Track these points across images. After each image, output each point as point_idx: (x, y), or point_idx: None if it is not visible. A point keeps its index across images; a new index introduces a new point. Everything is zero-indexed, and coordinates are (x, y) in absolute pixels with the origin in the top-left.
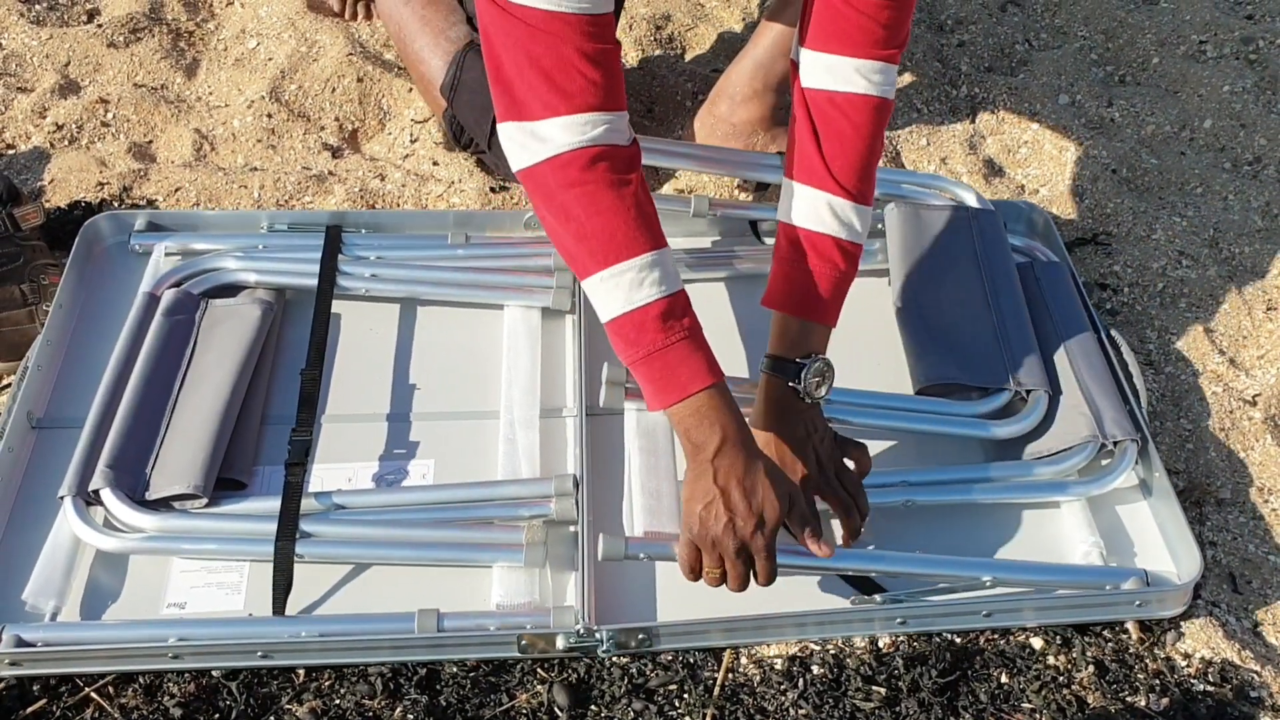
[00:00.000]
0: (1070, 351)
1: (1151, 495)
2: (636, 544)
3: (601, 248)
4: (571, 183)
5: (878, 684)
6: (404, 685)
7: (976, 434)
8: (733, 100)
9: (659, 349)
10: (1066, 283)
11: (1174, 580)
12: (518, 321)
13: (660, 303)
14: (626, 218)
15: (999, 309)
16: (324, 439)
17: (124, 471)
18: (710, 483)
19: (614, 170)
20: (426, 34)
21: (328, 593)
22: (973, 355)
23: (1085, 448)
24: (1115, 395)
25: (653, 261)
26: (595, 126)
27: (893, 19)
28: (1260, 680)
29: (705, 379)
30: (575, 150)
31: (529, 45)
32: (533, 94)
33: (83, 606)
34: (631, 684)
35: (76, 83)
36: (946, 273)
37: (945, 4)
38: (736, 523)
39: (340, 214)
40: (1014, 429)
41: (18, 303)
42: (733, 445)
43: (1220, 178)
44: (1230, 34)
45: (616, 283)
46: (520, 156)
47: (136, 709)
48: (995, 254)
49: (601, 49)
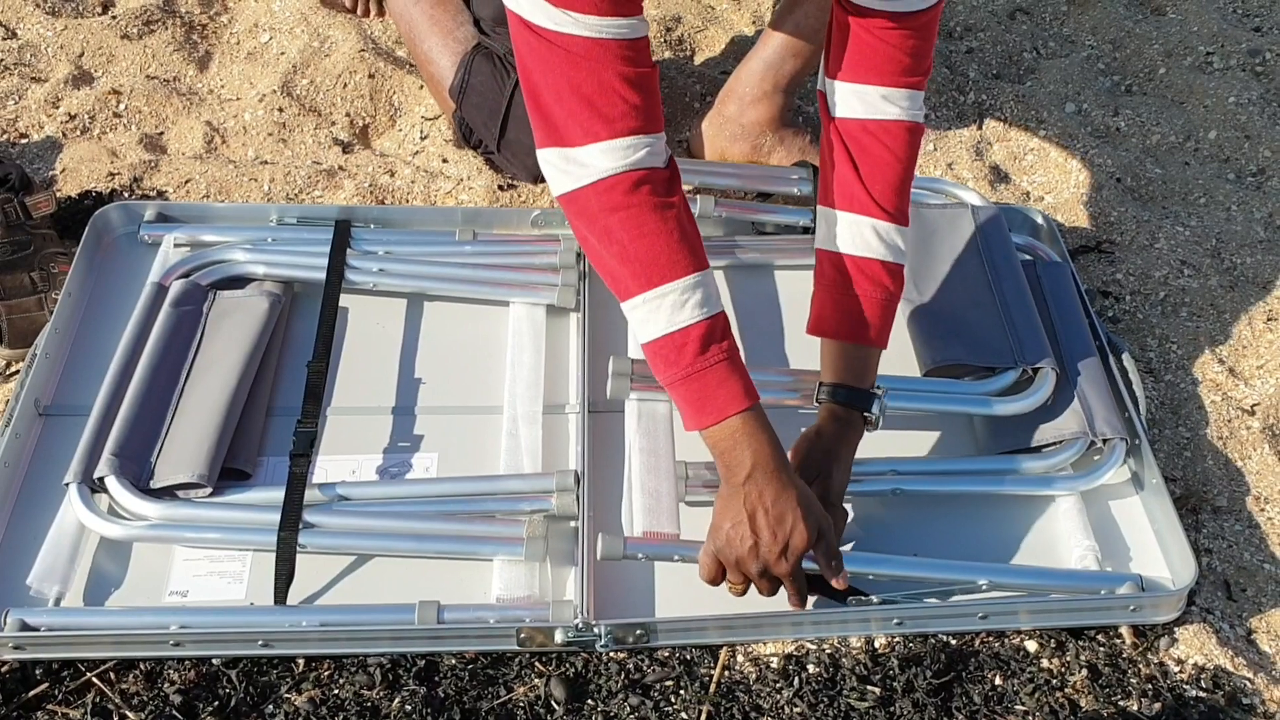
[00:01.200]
0: (1066, 350)
1: (1147, 500)
2: (635, 544)
3: (645, 270)
4: (615, 206)
5: (873, 684)
6: (403, 676)
7: (981, 411)
8: (741, 101)
9: (698, 370)
10: (1068, 283)
11: (1169, 586)
12: (523, 318)
13: (702, 325)
14: (670, 240)
15: (1003, 295)
16: (329, 431)
17: (129, 459)
18: (740, 505)
19: (656, 193)
20: (435, 34)
21: (329, 583)
22: (978, 337)
23: (1075, 443)
24: (1108, 395)
25: (695, 283)
26: (637, 150)
27: (917, 48)
28: (1252, 687)
29: (742, 402)
30: (618, 174)
31: (569, 72)
32: (573, 120)
33: (86, 592)
34: (628, 679)
35: (90, 73)
36: (950, 265)
37: (954, 11)
38: (761, 548)
39: (349, 209)
40: (1020, 405)
41: (27, 290)
42: (765, 470)
43: (1224, 188)
44: (1237, 46)
45: (659, 304)
46: (562, 181)
47: (137, 695)
48: (998, 247)
49: (640, 73)
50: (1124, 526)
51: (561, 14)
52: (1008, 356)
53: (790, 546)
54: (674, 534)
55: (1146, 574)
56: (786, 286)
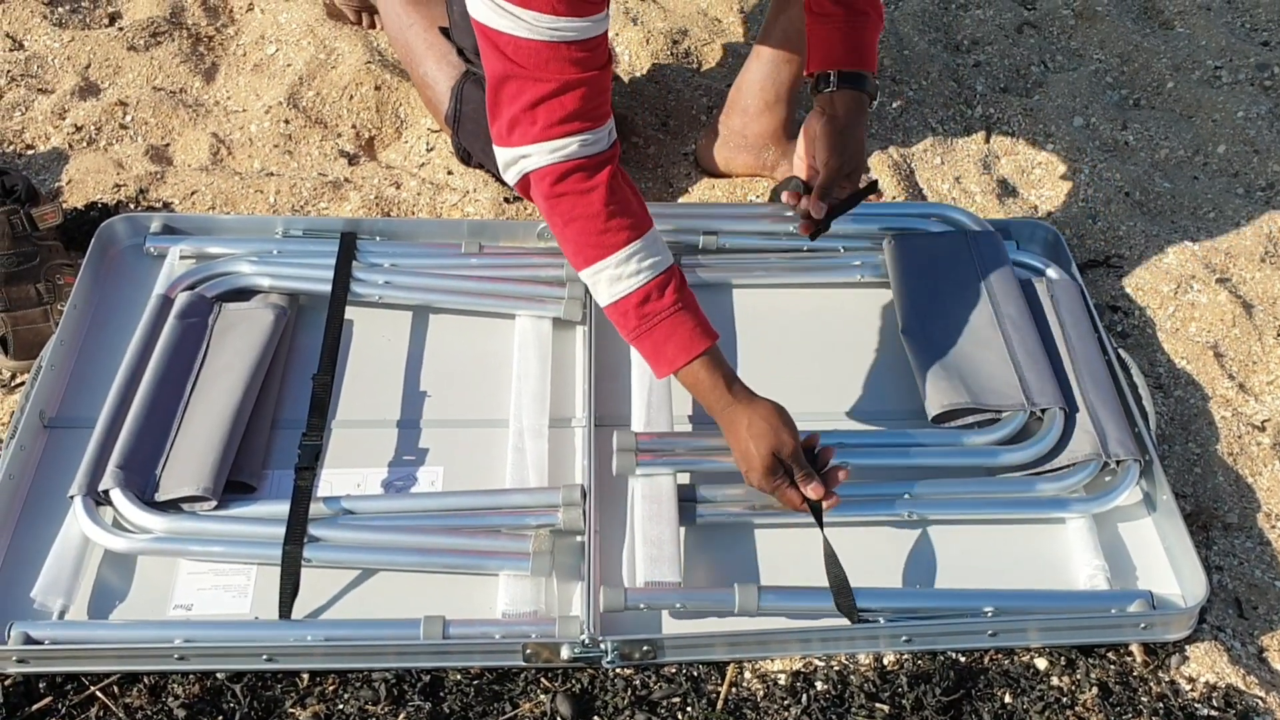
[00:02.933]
0: (1079, 370)
1: (1158, 517)
2: (637, 595)
3: (580, 251)
4: (546, 195)
5: (881, 701)
6: (408, 692)
7: (988, 462)
8: (746, 114)
9: (644, 331)
10: (1078, 301)
11: (1179, 603)
12: (529, 331)
13: (637, 292)
14: (595, 224)
15: (1006, 329)
16: (334, 444)
17: (134, 472)
18: (729, 441)
19: (585, 179)
20: (431, 58)
21: (334, 597)
22: (984, 378)
23: (1088, 465)
24: (1120, 415)
25: (628, 255)
26: (566, 146)
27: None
28: (1265, 706)
29: (688, 354)
30: (546, 167)
31: (516, 82)
32: (515, 124)
33: (90, 606)
34: (635, 695)
35: (96, 85)
36: (950, 298)
37: (962, 24)
38: (746, 476)
39: (355, 221)
40: (1026, 454)
41: (33, 302)
42: (722, 410)
43: (1233, 203)
44: (1246, 60)
45: (597, 279)
46: (509, 175)
47: (141, 709)
48: (998, 275)
49: (582, 76)
50: (1134, 543)
51: (515, 15)
52: (1015, 399)
53: (751, 469)
54: (676, 583)
55: (1157, 590)
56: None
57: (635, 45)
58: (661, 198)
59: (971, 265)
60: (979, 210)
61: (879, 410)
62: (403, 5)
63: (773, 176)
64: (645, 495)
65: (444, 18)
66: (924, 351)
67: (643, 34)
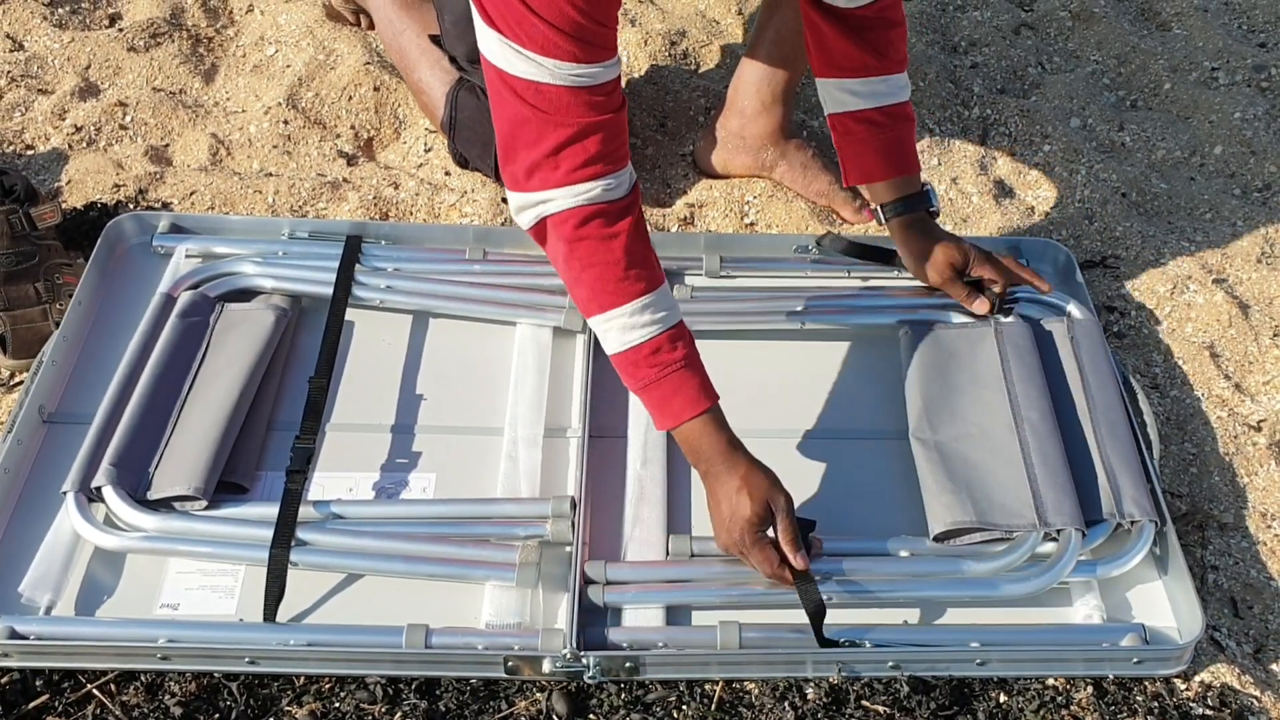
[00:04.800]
0: (1097, 422)
1: (1159, 562)
2: (620, 633)
3: (595, 297)
4: (565, 238)
5: (878, 703)
6: (403, 691)
7: (989, 594)
8: (743, 115)
9: (651, 383)
10: (1099, 343)
11: (1175, 638)
12: (528, 339)
13: (649, 343)
14: (614, 271)
15: (1025, 436)
16: (328, 447)
17: (127, 470)
18: (709, 497)
19: (606, 224)
20: (425, 64)
21: (319, 601)
22: (994, 495)
23: (1102, 526)
24: (1138, 471)
25: (642, 306)
26: (590, 190)
27: None
28: (1260, 705)
29: (693, 410)
30: (568, 211)
31: (533, 118)
32: (532, 167)
33: (78, 602)
34: (631, 695)
35: (96, 85)
36: (969, 399)
37: (959, 26)
38: (723, 530)
39: (360, 224)
40: (1032, 586)
41: (32, 301)
42: (716, 465)
43: (1230, 204)
44: (1242, 61)
45: (608, 327)
46: (523, 218)
47: (137, 707)
48: (1021, 372)
49: (603, 119)
50: (1130, 576)
51: (536, 61)
52: (1027, 518)
53: (735, 523)
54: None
55: (1150, 624)
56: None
57: (633, 46)
58: (660, 198)
59: (994, 362)
60: (975, 211)
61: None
62: (395, 11)
63: (770, 177)
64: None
65: (435, 25)
66: (932, 456)
67: (641, 35)
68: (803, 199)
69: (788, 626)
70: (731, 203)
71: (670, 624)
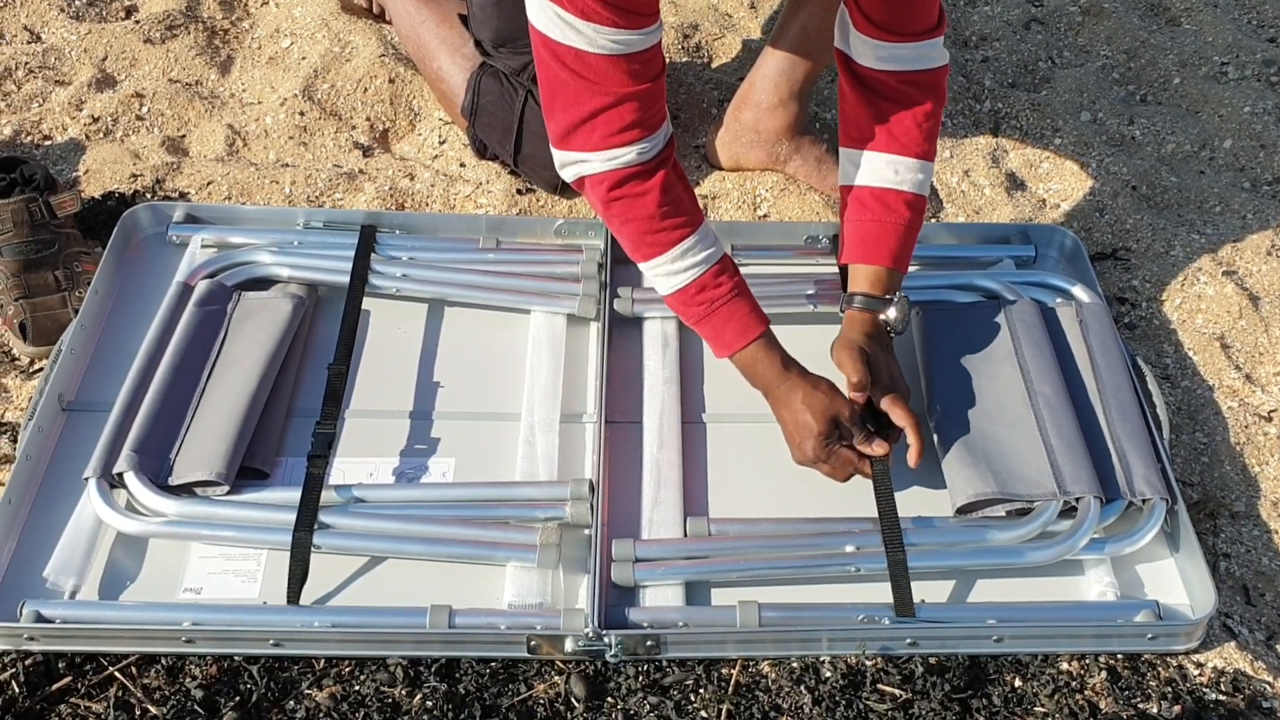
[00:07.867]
0: (1106, 402)
1: (1170, 539)
2: (641, 613)
3: (636, 248)
4: (603, 199)
5: (893, 685)
6: (423, 673)
7: (1013, 562)
8: (758, 108)
9: (703, 318)
10: (1108, 325)
11: (1188, 614)
12: (543, 327)
13: (695, 284)
14: (651, 224)
15: (1039, 409)
16: (347, 433)
17: (148, 456)
18: (781, 425)
19: (640, 183)
20: (444, 52)
21: (342, 584)
22: (1013, 466)
23: (1114, 504)
24: (1149, 451)
25: (683, 250)
26: (624, 155)
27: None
28: (1273, 691)
29: (745, 337)
30: (604, 173)
31: (576, 90)
32: (570, 128)
33: (101, 587)
34: (648, 678)
35: (113, 77)
36: (981, 375)
37: (970, 20)
38: (795, 447)
39: (375, 214)
40: (1053, 552)
41: (51, 288)
42: (776, 386)
43: (1239, 197)
44: (1252, 56)
45: (655, 273)
46: (565, 173)
47: (159, 689)
48: (1032, 349)
49: (638, 89)
50: (1143, 553)
51: (577, 28)
52: (1047, 487)
53: (805, 441)
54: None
55: (1164, 600)
56: None
57: None
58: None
59: (1005, 339)
60: (987, 203)
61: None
62: (413, 2)
63: (784, 171)
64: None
65: (452, 15)
66: (950, 437)
67: None
68: (816, 192)
69: (806, 606)
70: (744, 195)
71: (690, 604)
